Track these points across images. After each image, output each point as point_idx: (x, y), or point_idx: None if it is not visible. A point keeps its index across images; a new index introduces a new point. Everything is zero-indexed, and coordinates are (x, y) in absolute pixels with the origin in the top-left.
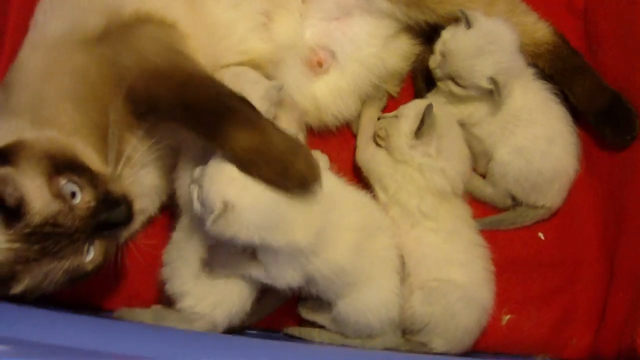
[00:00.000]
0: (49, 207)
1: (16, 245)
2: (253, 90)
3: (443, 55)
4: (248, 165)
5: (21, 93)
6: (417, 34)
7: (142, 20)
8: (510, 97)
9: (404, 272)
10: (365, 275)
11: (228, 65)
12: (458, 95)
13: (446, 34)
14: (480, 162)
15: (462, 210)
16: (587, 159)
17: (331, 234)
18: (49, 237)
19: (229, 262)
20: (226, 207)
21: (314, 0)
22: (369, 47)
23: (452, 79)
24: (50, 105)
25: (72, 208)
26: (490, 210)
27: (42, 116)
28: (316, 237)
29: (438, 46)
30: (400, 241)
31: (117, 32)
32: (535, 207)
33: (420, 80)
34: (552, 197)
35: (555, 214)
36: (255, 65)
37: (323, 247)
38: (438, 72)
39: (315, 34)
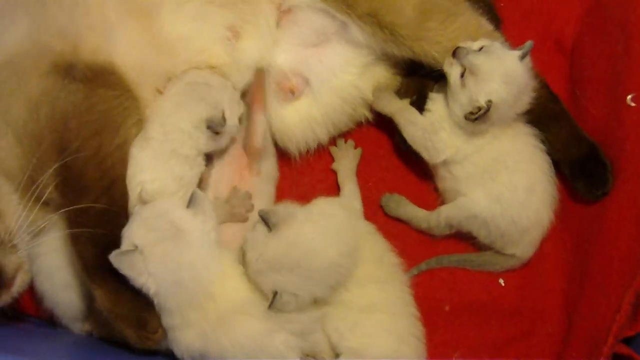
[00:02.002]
0: None
1: None
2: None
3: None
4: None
5: None
6: (397, 64)
7: (99, 77)
8: (499, 140)
9: None
10: None
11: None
12: (451, 88)
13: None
14: (444, 197)
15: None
16: (559, 209)
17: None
18: None
19: None
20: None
21: (291, 25)
22: (345, 75)
23: (464, 70)
24: None
25: None
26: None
27: None
28: None
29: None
30: None
31: (81, 78)
32: (505, 255)
33: None
34: (523, 247)
35: None
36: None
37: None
38: (460, 52)
39: (289, 59)
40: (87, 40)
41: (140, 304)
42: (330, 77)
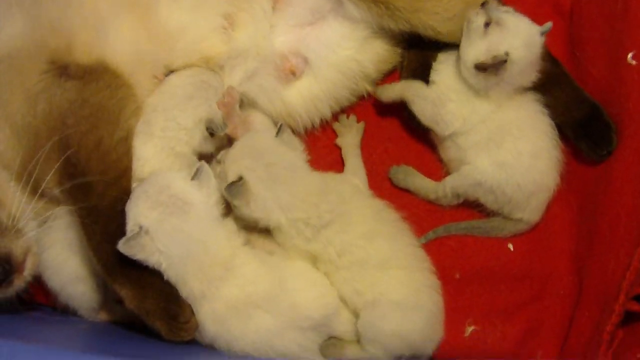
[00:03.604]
0: None
1: None
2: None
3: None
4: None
5: None
6: (396, 36)
7: (92, 72)
8: (503, 109)
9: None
10: None
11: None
12: (470, 34)
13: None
14: (448, 166)
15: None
16: (564, 172)
17: None
18: None
19: None
20: None
21: (286, 7)
22: (343, 50)
23: (489, 21)
24: None
25: None
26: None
27: None
28: None
29: None
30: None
31: (75, 75)
32: (512, 220)
33: None
34: (530, 211)
35: None
36: (209, 64)
37: None
38: (489, 4)
39: (287, 41)
40: (80, 36)
41: (167, 296)
42: (329, 53)
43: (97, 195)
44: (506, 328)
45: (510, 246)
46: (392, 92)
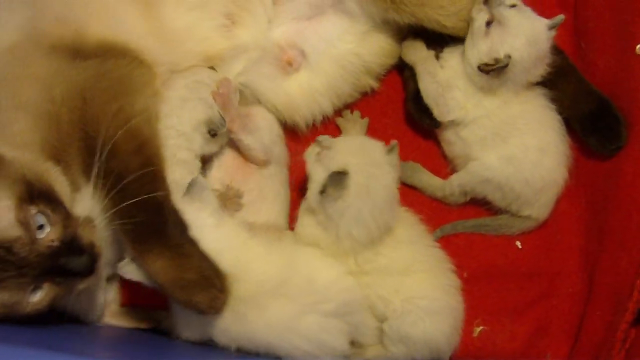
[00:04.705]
0: (8, 230)
1: None
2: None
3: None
4: (160, 285)
5: None
6: (399, 30)
7: (110, 52)
8: (509, 104)
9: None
10: None
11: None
12: (473, 34)
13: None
14: (454, 164)
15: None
16: (573, 167)
17: None
18: None
19: None
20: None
21: (287, 2)
22: (343, 44)
23: (491, 20)
24: (8, 117)
25: (33, 240)
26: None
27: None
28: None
29: None
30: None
31: (89, 58)
32: (521, 217)
33: (412, 82)
34: (538, 208)
35: None
36: (210, 62)
37: None
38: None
39: (284, 33)
40: (93, 25)
41: (204, 264)
42: (327, 47)
43: (121, 163)
44: (515, 327)
45: (519, 244)
46: (412, 54)
